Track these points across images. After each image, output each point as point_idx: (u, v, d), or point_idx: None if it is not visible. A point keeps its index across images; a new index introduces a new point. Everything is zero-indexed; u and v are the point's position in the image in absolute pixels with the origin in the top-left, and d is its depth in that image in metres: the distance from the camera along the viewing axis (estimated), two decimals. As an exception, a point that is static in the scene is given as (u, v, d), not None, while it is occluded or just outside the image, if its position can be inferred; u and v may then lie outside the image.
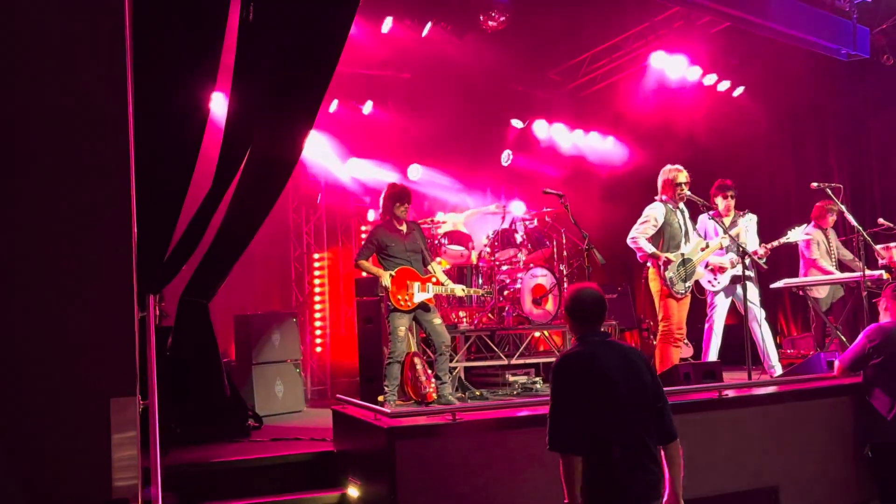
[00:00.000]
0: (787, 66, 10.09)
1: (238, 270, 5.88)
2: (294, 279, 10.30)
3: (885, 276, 7.50)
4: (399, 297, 6.86)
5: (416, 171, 10.62)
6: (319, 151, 10.02)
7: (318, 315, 10.37)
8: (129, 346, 3.89)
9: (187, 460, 5.58)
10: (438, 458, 4.68)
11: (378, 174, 10.38)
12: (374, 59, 9.78)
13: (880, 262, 7.74)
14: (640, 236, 7.05)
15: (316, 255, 10.48)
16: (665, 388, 3.84)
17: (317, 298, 10.41)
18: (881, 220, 7.95)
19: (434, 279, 7.09)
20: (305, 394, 8.87)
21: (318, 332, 10.33)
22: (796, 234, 7.51)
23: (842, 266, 8.28)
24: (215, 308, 6.42)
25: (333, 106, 9.98)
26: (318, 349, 10.30)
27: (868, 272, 7.25)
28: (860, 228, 7.18)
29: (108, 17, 3.95)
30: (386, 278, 6.88)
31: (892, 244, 7.72)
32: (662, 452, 3.72)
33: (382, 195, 7.19)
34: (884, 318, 5.65)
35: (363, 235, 10.28)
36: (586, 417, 3.56)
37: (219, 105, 7.83)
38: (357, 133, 10.35)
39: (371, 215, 10.47)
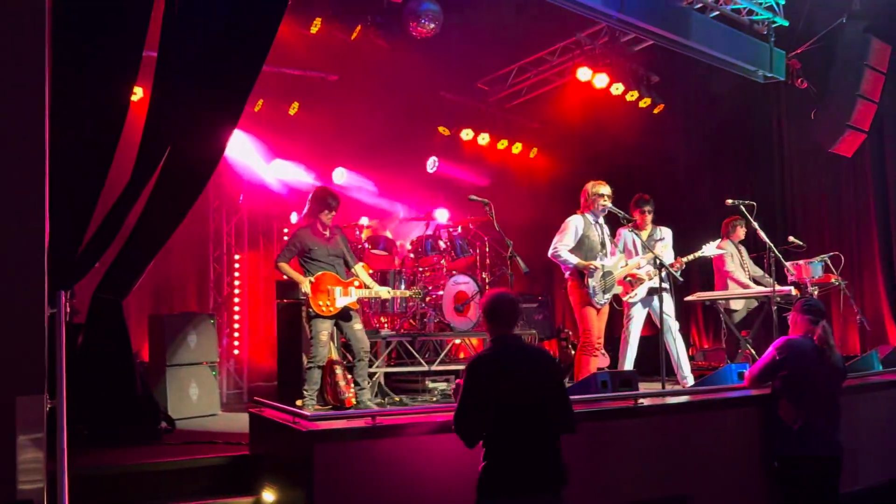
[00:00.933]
0: (706, 85, 10.39)
1: (154, 269, 5.74)
2: (213, 280, 10.12)
3: (794, 291, 7.78)
4: (320, 302, 6.76)
5: (340, 175, 10.56)
6: (243, 151, 9.87)
7: (236, 317, 10.21)
8: (37, 344, 3.76)
9: (96, 463, 5.40)
10: (357, 463, 4.65)
11: (302, 176, 10.28)
12: (301, 60, 9.67)
13: (790, 278, 8.01)
14: (561, 249, 7.10)
15: (237, 256, 10.32)
16: (583, 396, 4.04)
17: (236, 300, 10.26)
18: (791, 238, 8.23)
19: (357, 282, 7.02)
20: (221, 397, 8.71)
21: (235, 335, 10.17)
22: (710, 249, 7.70)
23: (752, 281, 8.55)
24: (129, 307, 6.28)
25: (258, 106, 9.84)
26: (236, 352, 10.13)
27: (778, 287, 7.51)
28: (771, 245, 7.39)
29: (28, 6, 3.82)
30: (306, 285, 6.77)
31: (801, 261, 8.01)
32: None
33: (310, 198, 7.06)
34: (793, 332, 5.83)
35: (285, 238, 10.17)
36: (492, 413, 3.84)
37: (140, 99, 7.67)
38: (282, 134, 10.23)
39: (294, 218, 10.35)
